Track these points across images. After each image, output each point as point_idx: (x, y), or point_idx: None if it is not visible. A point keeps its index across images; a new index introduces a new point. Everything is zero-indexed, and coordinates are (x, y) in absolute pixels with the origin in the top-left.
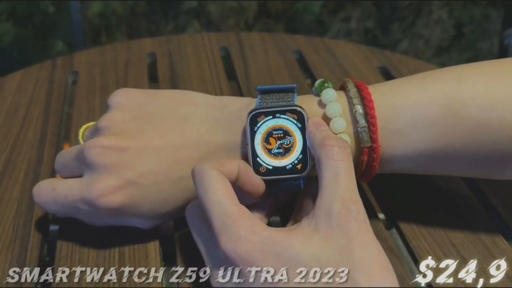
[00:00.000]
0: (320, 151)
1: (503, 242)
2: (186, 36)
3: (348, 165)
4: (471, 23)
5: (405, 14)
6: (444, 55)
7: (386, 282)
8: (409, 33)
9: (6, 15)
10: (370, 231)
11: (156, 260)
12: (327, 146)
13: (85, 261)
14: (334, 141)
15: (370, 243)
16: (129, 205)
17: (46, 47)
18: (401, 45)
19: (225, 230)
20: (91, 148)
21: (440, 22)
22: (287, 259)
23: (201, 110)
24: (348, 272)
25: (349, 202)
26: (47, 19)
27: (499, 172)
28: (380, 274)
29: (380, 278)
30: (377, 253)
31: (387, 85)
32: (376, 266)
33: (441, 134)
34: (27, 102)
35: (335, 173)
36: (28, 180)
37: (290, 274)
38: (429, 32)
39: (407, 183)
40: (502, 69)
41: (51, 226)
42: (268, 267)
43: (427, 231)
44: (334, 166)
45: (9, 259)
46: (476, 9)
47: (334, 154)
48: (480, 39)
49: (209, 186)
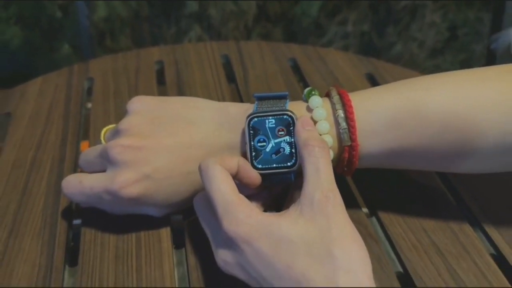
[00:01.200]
0: (304, 150)
1: (468, 229)
2: (190, 44)
3: (327, 161)
4: (464, 25)
5: (400, 17)
6: (438, 57)
7: (357, 254)
8: (404, 35)
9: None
10: (345, 214)
11: (167, 243)
12: (309, 146)
13: (106, 245)
14: (315, 141)
15: (345, 224)
16: (145, 195)
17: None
18: (396, 47)
19: (226, 215)
20: (113, 147)
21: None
22: (277, 237)
23: (206, 114)
24: (327, 248)
25: (327, 191)
26: (54, 23)
27: (456, 166)
28: (352, 247)
29: (353, 251)
30: (351, 231)
31: (365, 93)
32: (350, 241)
33: (410, 134)
34: (48, 105)
35: (316, 168)
36: (53, 176)
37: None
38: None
39: (387, 178)
40: (464, 78)
41: (75, 215)
42: (262, 244)
43: (403, 219)
44: (315, 162)
45: (40, 243)
46: (469, 11)
47: (315, 152)
48: (473, 42)
49: (213, 179)
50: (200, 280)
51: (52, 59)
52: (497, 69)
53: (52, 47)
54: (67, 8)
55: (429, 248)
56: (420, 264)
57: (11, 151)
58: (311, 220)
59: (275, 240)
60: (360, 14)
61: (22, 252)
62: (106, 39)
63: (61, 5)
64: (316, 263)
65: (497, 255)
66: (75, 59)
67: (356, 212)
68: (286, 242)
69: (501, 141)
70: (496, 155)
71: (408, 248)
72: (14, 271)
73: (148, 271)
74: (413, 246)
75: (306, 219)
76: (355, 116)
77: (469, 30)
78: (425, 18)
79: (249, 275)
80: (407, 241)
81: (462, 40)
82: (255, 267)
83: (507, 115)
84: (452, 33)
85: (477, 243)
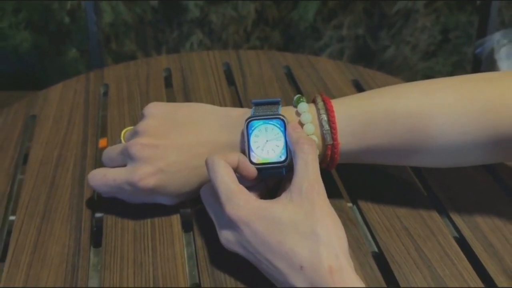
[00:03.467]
0: (295, 147)
1: (436, 215)
2: (194, 53)
3: (314, 157)
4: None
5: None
6: (431, 60)
7: (336, 232)
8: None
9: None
10: (327, 201)
11: (178, 227)
12: (300, 144)
13: (126, 229)
14: (305, 140)
15: (327, 208)
16: (160, 186)
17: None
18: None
19: (229, 201)
20: (134, 145)
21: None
22: (271, 219)
23: (210, 118)
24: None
25: (314, 182)
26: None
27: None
28: (332, 227)
29: (332, 229)
30: (331, 214)
31: (346, 99)
32: (330, 222)
33: (381, 134)
34: (69, 109)
35: (305, 162)
36: (76, 171)
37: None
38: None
39: (366, 171)
40: (430, 88)
41: (98, 204)
42: (258, 225)
43: (379, 207)
44: (304, 157)
45: (69, 228)
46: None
47: (304, 149)
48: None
49: (217, 171)
50: (206, 257)
51: (60, 62)
52: (458, 79)
53: (60, 51)
54: (74, 14)
55: (400, 232)
56: (392, 245)
57: (38, 150)
58: (299, 205)
59: (269, 222)
60: (355, 18)
61: (54, 236)
62: (112, 43)
63: (69, 11)
64: (302, 239)
65: (459, 238)
66: (82, 63)
67: (339, 201)
68: (277, 223)
69: (454, 140)
70: (451, 153)
71: (382, 231)
72: (48, 251)
73: (162, 250)
74: (387, 229)
75: (295, 204)
76: (336, 119)
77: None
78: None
79: (247, 251)
80: (382, 225)
81: (454, 43)
82: (253, 244)
83: (460, 117)
84: (444, 36)
85: (442, 228)
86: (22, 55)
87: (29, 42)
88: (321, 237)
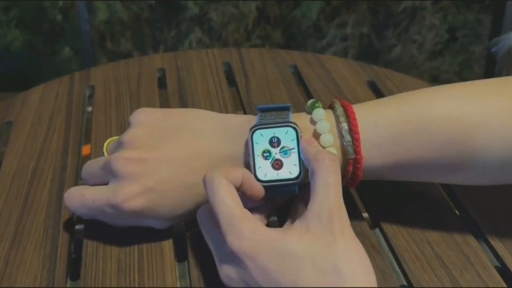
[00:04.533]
0: (314, 164)
1: (472, 240)
2: (192, 51)
3: (337, 176)
4: (464, 27)
5: (400, 19)
6: (438, 59)
7: (362, 267)
8: (403, 37)
9: (15, 22)
10: (350, 229)
11: (170, 256)
12: (320, 160)
13: (108, 258)
14: (325, 155)
15: (350, 238)
16: (149, 209)
17: (53, 53)
18: (395, 50)
19: (231, 229)
20: (117, 160)
21: (433, 27)
22: (283, 253)
23: (209, 126)
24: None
25: (335, 207)
26: (55, 26)
27: (459, 178)
28: (358, 261)
29: (357, 264)
30: (355, 245)
31: (369, 105)
32: (354, 256)
33: (413, 147)
34: (49, 113)
35: (325, 183)
36: (54, 186)
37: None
38: (422, 36)
39: (390, 189)
40: (466, 91)
41: (77, 226)
42: (267, 260)
43: (406, 231)
44: (325, 177)
45: (42, 255)
46: (469, 13)
47: (325, 166)
48: (473, 43)
49: (218, 192)
50: None
51: (53, 62)
52: (497, 82)
53: (53, 50)
54: (67, 12)
55: (432, 260)
56: (424, 277)
57: (12, 160)
58: (317, 236)
59: (281, 256)
60: (359, 16)
61: (24, 264)
62: (107, 42)
63: (62, 8)
64: (322, 277)
65: (501, 268)
66: (76, 62)
67: (359, 223)
68: (291, 257)
69: (503, 154)
70: (498, 168)
71: (411, 260)
72: (16, 284)
73: (151, 284)
74: (417, 258)
75: (313, 234)
76: (360, 129)
77: (469, 31)
78: (425, 20)
79: None
80: (411, 253)
81: (461, 42)
82: (260, 283)
83: (509, 127)
84: (452, 35)
85: (481, 255)
86: (13, 54)
87: (20, 40)
88: (344, 274)
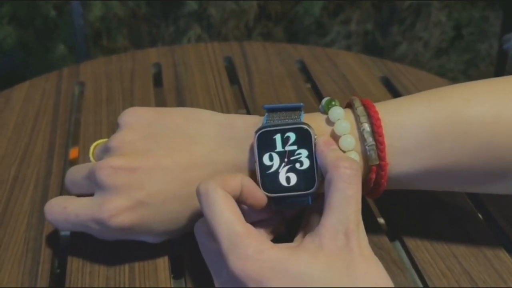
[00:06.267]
0: (333, 172)
1: (503, 254)
2: (190, 46)
3: (358, 188)
4: (470, 24)
5: (405, 16)
6: (443, 57)
7: None
8: (409, 35)
9: (7, 19)
10: (369, 248)
11: (165, 273)
12: (341, 168)
13: (96, 275)
14: (347, 163)
15: (370, 259)
16: (140, 224)
17: (47, 50)
18: (400, 47)
19: (233, 249)
20: (102, 169)
21: (439, 24)
22: (295, 274)
23: (209, 129)
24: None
25: (353, 224)
26: (48, 23)
27: (498, 187)
28: (379, 283)
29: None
30: (376, 265)
31: (393, 103)
32: (376, 277)
33: (447, 152)
34: (34, 113)
35: (345, 196)
36: (37, 193)
37: None
38: (428, 34)
39: (410, 197)
40: (507, 88)
41: (61, 239)
42: (276, 284)
43: (430, 243)
44: (345, 188)
45: (22, 272)
46: (475, 11)
47: (346, 177)
48: (479, 41)
49: (215, 206)
50: None
51: (47, 59)
52: None
53: (47, 47)
54: (61, 8)
55: (460, 277)
56: None
57: None
58: (334, 255)
59: (292, 278)
60: (363, 13)
61: (1, 283)
62: (103, 39)
63: (56, 5)
64: None
65: None
66: (70, 59)
67: (377, 235)
68: (304, 280)
69: None
70: None
71: (437, 277)
72: None
73: None
74: (443, 274)
75: (328, 253)
76: (384, 131)
77: (475, 29)
78: (430, 17)
79: None
80: (436, 269)
81: (467, 40)
82: None
83: None
84: (457, 32)
85: None
86: (6, 51)
87: (13, 37)
88: None
